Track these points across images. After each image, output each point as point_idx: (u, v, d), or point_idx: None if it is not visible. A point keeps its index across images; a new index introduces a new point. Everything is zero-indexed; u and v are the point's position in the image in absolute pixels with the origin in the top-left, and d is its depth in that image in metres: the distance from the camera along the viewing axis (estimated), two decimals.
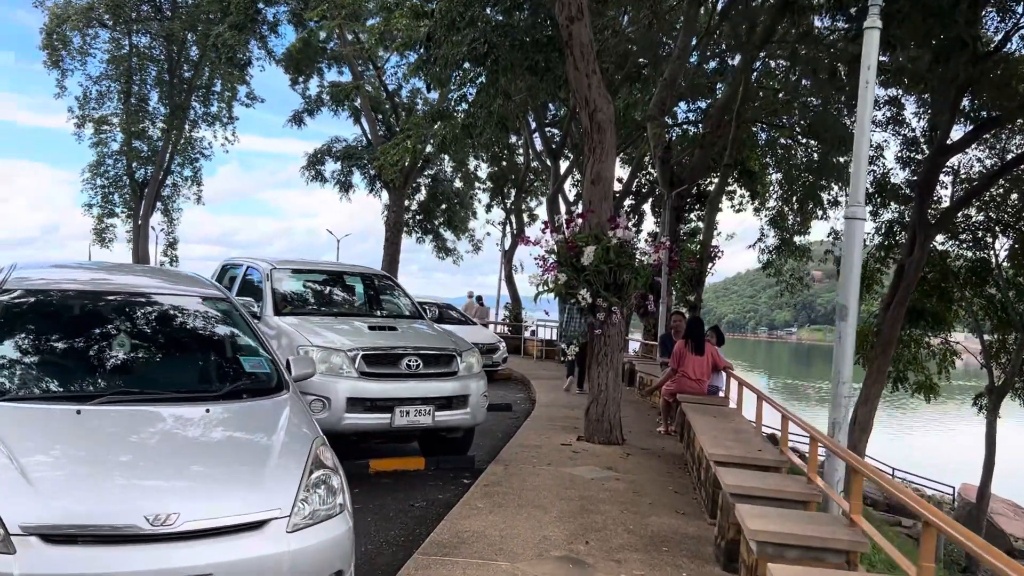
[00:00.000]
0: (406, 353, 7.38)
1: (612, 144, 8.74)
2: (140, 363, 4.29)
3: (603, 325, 8.62)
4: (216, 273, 9.71)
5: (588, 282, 8.37)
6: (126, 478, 3.37)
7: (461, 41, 14.08)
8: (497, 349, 16.64)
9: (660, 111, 16.68)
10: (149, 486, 3.35)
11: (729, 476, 5.19)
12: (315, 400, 6.95)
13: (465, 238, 37.86)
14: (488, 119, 15.16)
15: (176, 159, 38.66)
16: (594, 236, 8.48)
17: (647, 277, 8.67)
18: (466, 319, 18.31)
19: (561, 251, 8.50)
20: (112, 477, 3.33)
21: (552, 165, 24.47)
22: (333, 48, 33.62)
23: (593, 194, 8.68)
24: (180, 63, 36.75)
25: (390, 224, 32.58)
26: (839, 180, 25.06)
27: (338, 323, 7.90)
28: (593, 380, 8.91)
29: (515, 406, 12.91)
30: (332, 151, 34.80)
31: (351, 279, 9.12)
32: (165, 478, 3.43)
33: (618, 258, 8.41)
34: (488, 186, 34.79)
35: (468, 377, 7.70)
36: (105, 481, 3.30)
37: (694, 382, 9.57)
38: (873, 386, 15.19)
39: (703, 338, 9.73)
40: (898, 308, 14.77)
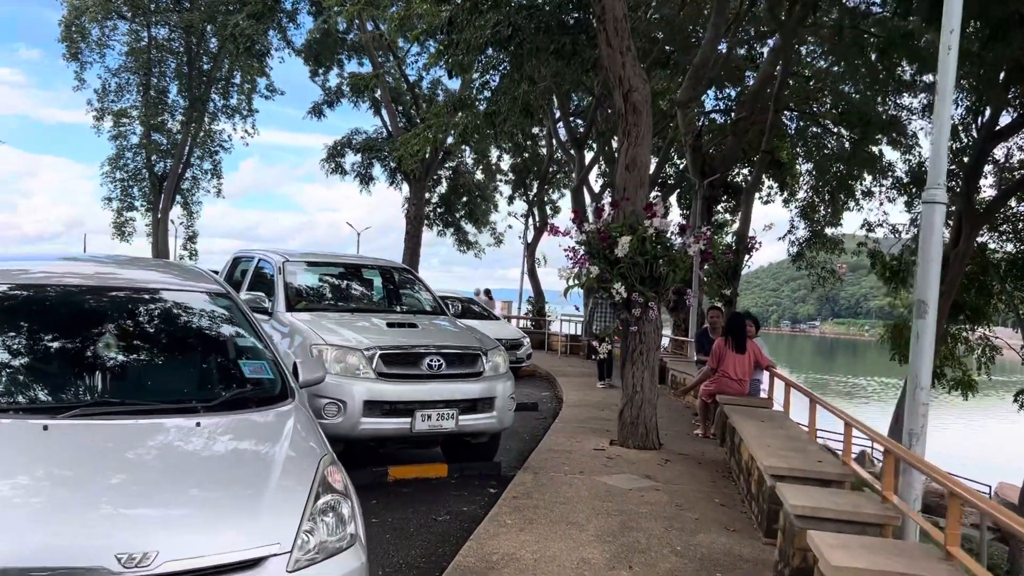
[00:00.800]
0: (427, 352, 6.82)
1: (648, 127, 8.13)
2: (122, 369, 3.73)
3: (639, 321, 8.02)
4: (227, 265, 9.21)
5: (622, 275, 7.77)
6: (95, 508, 2.81)
7: (484, 25, 13.49)
8: (521, 345, 16.07)
9: (690, 97, 16.01)
10: (123, 518, 2.80)
11: (793, 494, 4.59)
12: (329, 403, 6.42)
13: (487, 231, 37.34)
14: (512, 106, 14.55)
15: (195, 152, 38.45)
16: (629, 226, 7.88)
17: (686, 270, 8.06)
18: (489, 314, 17.75)
19: (593, 242, 7.91)
20: (79, 507, 2.78)
21: (577, 155, 23.84)
22: (353, 39, 33.21)
23: (628, 180, 8.07)
24: (199, 55, 36.49)
25: (411, 217, 32.08)
26: (872, 170, 24.30)
27: (355, 320, 7.36)
28: (627, 380, 8.32)
29: (541, 405, 12.34)
30: (352, 143, 34.32)
31: (369, 272, 8.57)
32: (143, 507, 2.88)
33: (655, 249, 7.81)
34: (510, 178, 34.18)
35: (494, 378, 7.13)
36: (70, 512, 2.75)
37: (735, 382, 8.95)
38: None
39: (744, 335, 9.09)
40: (943, 303, 14.01)
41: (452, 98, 19.22)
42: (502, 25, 13.43)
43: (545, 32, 13.62)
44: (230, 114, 38.20)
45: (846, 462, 5.57)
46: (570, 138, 24.34)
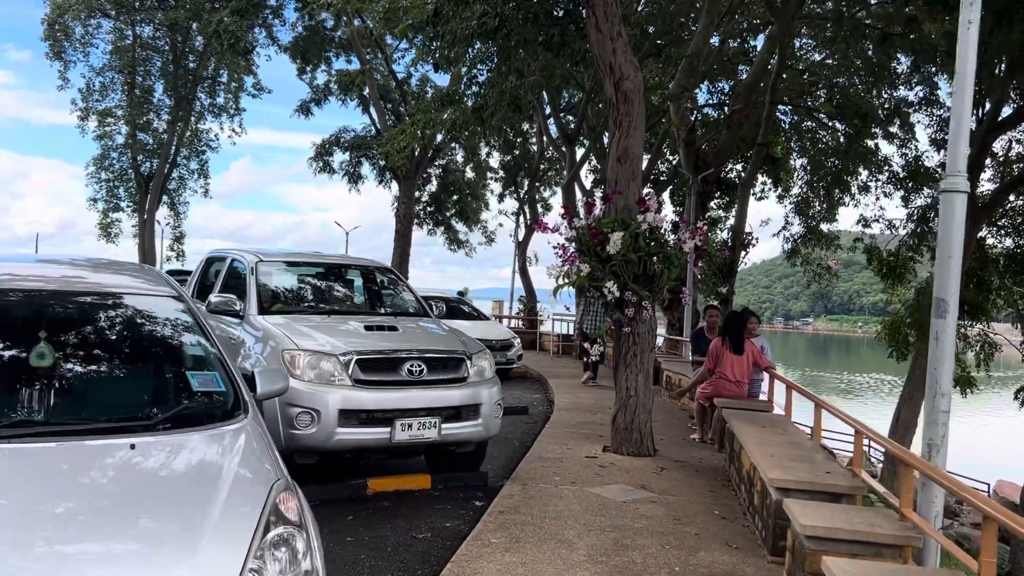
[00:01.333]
0: (408, 357, 6.40)
1: (641, 116, 7.72)
2: (48, 384, 3.29)
3: (632, 322, 7.62)
4: (200, 266, 8.78)
5: (615, 273, 7.37)
6: (2, 550, 2.40)
7: (471, 16, 13.09)
8: (511, 346, 15.66)
9: (684, 89, 15.62)
10: (35, 558, 2.39)
11: (802, 512, 4.19)
12: (302, 413, 6.00)
13: (478, 229, 36.94)
14: (500, 99, 14.15)
15: (182, 152, 37.95)
16: (621, 221, 7.48)
17: (681, 267, 7.66)
18: (479, 314, 17.33)
19: (583, 238, 7.50)
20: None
21: (567, 151, 23.43)
22: (341, 36, 32.79)
23: (619, 173, 7.67)
24: (185, 53, 35.99)
25: (400, 216, 31.67)
26: (868, 165, 23.97)
27: (331, 323, 6.93)
28: (620, 384, 7.91)
29: (532, 408, 11.93)
30: (340, 141, 33.91)
31: (349, 273, 8.13)
32: (59, 546, 2.46)
33: (648, 246, 7.41)
34: (500, 175, 33.77)
35: (480, 383, 6.71)
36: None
37: (733, 384, 8.55)
38: (917, 384, 14.07)
39: (743, 335, 8.70)
40: None
41: (439, 93, 18.82)
42: (489, 16, 13.03)
43: (533, 23, 13.23)
44: (217, 113, 37.74)
45: (856, 473, 5.17)
46: (561, 134, 23.94)
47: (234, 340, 6.97)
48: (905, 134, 23.06)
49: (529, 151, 31.64)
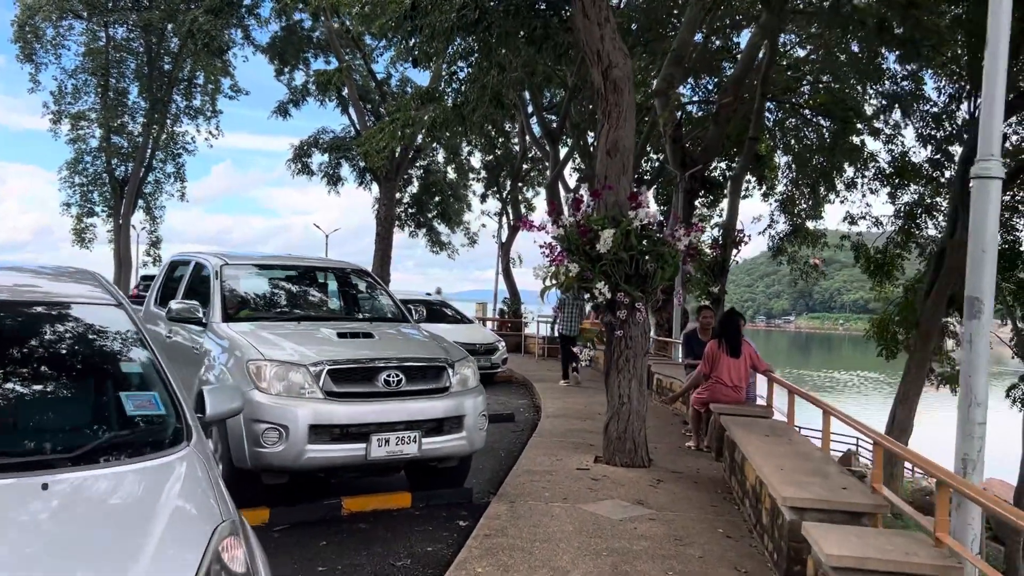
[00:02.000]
0: (385, 366, 5.91)
1: (631, 107, 7.27)
2: None
3: (624, 325, 7.16)
4: (163, 271, 8.24)
5: (605, 273, 6.92)
6: None
7: (450, 9, 12.62)
8: (496, 349, 15.19)
9: (669, 85, 15.21)
10: None
11: (825, 538, 3.74)
12: (269, 429, 5.51)
13: (460, 231, 36.44)
14: (481, 95, 13.66)
15: (158, 155, 37.20)
16: (611, 218, 7.02)
17: (676, 266, 7.21)
18: (463, 317, 16.86)
19: (572, 237, 7.04)
20: None
21: (551, 149, 23.00)
22: (319, 36, 32.26)
23: (609, 167, 7.21)
24: (160, 55, 35.23)
25: (381, 218, 31.13)
26: (854, 161, 23.70)
27: (302, 330, 6.43)
28: (612, 390, 7.45)
29: (518, 415, 11.46)
30: (319, 142, 33.36)
31: (322, 276, 7.61)
32: None
33: (640, 244, 6.96)
34: (482, 176, 33.29)
35: (463, 393, 6.23)
36: None
37: (731, 389, 8.12)
38: (912, 383, 13.76)
39: (739, 337, 8.27)
40: (939, 296, 13.33)
41: (419, 91, 18.32)
42: (468, 9, 12.56)
43: (515, 16, 12.77)
44: (193, 115, 37.02)
45: (876, 488, 4.73)
46: (544, 132, 23.50)
47: (197, 350, 6.46)
48: (892, 130, 22.83)
49: (511, 151, 31.20)
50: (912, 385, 13.69)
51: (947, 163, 21.38)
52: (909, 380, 13.79)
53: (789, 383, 7.64)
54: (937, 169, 21.37)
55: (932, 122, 21.23)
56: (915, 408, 13.78)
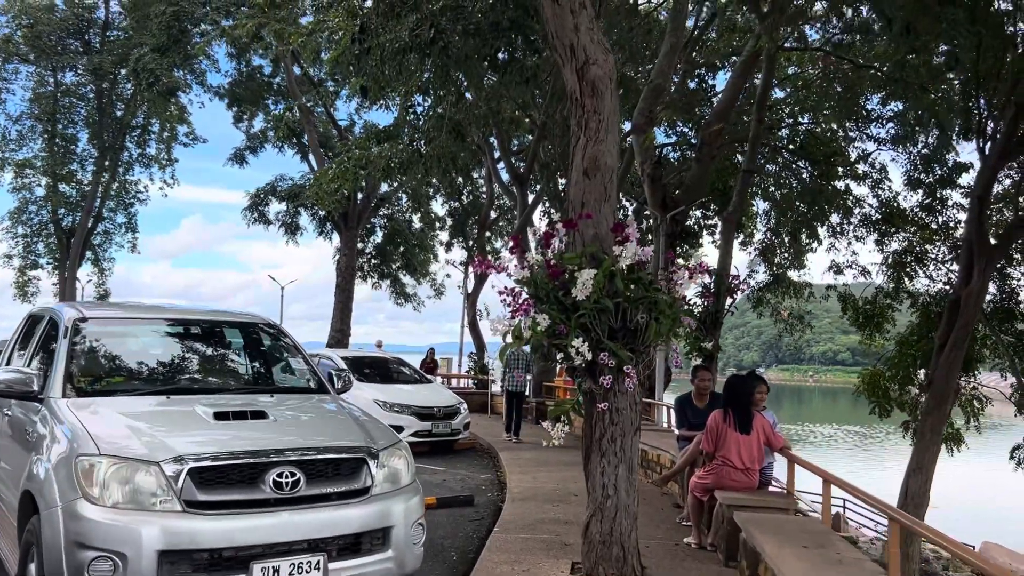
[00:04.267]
0: (277, 461, 4.20)
1: (614, 114, 5.70)
2: None
3: (609, 395, 5.49)
4: (20, 328, 6.45)
5: (584, 327, 5.26)
6: None
7: (401, 27, 11.18)
8: (457, 413, 13.43)
9: (648, 120, 13.81)
10: None
11: None
12: (99, 558, 3.78)
13: (426, 282, 34.79)
14: (438, 125, 12.16)
15: (108, 204, 35.42)
16: (590, 255, 5.41)
17: (674, 318, 5.57)
18: (421, 376, 15.10)
19: (540, 279, 5.40)
20: None
21: (519, 193, 21.50)
22: (279, 83, 31.11)
23: (587, 190, 5.61)
24: (112, 101, 33.64)
25: (341, 268, 29.52)
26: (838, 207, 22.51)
27: (168, 408, 4.71)
28: (594, 480, 5.73)
29: (479, 494, 9.68)
30: (276, 190, 31.75)
31: (213, 332, 5.85)
32: None
33: (629, 289, 5.34)
34: (448, 224, 31.81)
35: (390, 496, 4.53)
36: None
37: (741, 472, 6.45)
38: (927, 450, 12.19)
39: (751, 407, 6.64)
40: (955, 351, 11.86)
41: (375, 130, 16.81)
42: (423, 27, 11.12)
43: (474, 36, 11.36)
44: (147, 164, 35.37)
45: None
46: (511, 176, 22.06)
47: (31, 436, 4.70)
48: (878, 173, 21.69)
49: (478, 198, 29.82)
50: (927, 453, 12.13)
51: (940, 207, 20.23)
52: (922, 447, 12.23)
53: (827, 471, 5.95)
54: (930, 214, 20.18)
55: (922, 165, 20.13)
56: (931, 478, 12.21)
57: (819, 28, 20.33)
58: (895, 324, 21.88)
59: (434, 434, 12.89)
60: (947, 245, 20.91)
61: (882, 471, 36.58)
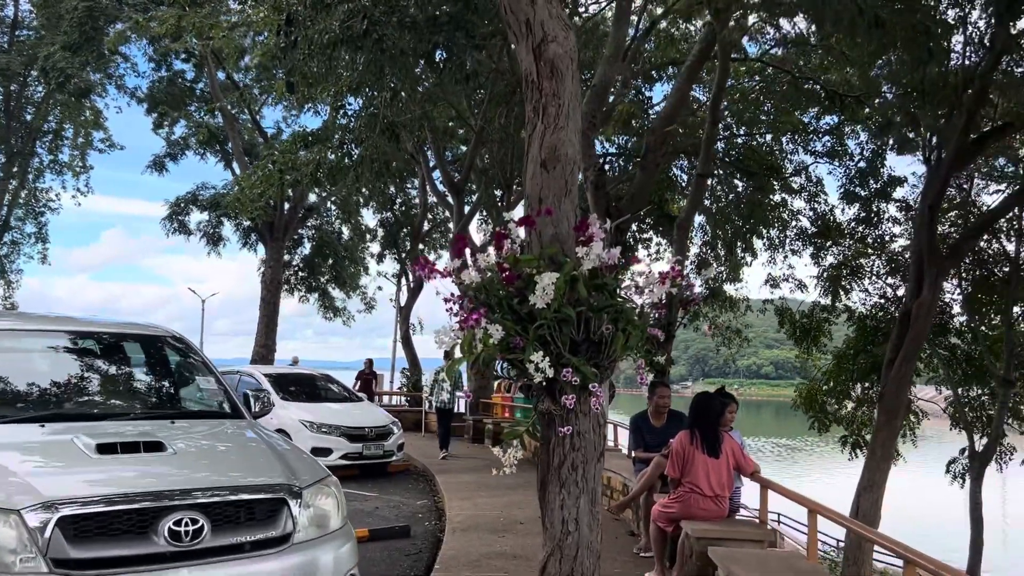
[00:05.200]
0: (172, 505, 3.39)
1: (575, 99, 5.04)
2: None
3: (569, 417, 4.81)
4: None
5: (543, 340, 4.57)
6: None
7: (332, 18, 10.39)
8: (390, 433, 12.59)
9: (590, 125, 13.24)
10: None
11: None
12: None
13: (356, 296, 33.65)
14: (370, 124, 11.37)
15: (16, 213, 33.39)
16: (550, 258, 4.73)
17: (644, 329, 4.93)
18: (351, 395, 14.20)
19: (491, 286, 4.70)
20: None
21: (455, 202, 20.76)
22: (202, 89, 29.89)
23: (545, 184, 4.92)
24: (21, 104, 31.78)
25: (266, 281, 28.29)
26: (774, 221, 22.42)
27: (40, 439, 3.85)
28: (552, 513, 5.02)
29: (416, 523, 8.89)
30: (198, 199, 30.35)
31: (105, 346, 4.97)
32: None
33: (591, 295, 4.68)
34: (378, 234, 30.86)
35: (316, 544, 3.75)
36: None
37: (711, 500, 5.83)
38: (879, 467, 11.83)
39: (718, 430, 6.04)
40: (906, 365, 11.55)
41: (303, 133, 15.89)
42: (355, 19, 10.35)
43: (411, 30, 10.64)
44: (59, 171, 33.48)
45: None
46: (447, 184, 21.32)
47: None
48: (815, 187, 21.66)
49: (411, 208, 29.00)
50: (878, 471, 11.78)
51: (876, 220, 20.25)
52: (873, 464, 11.86)
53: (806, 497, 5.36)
54: (867, 227, 20.18)
55: (858, 179, 20.15)
56: (882, 496, 11.86)
57: (756, 40, 20.31)
58: (832, 338, 21.85)
59: (365, 456, 12.04)
60: (883, 259, 21.00)
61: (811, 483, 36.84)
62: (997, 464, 18.48)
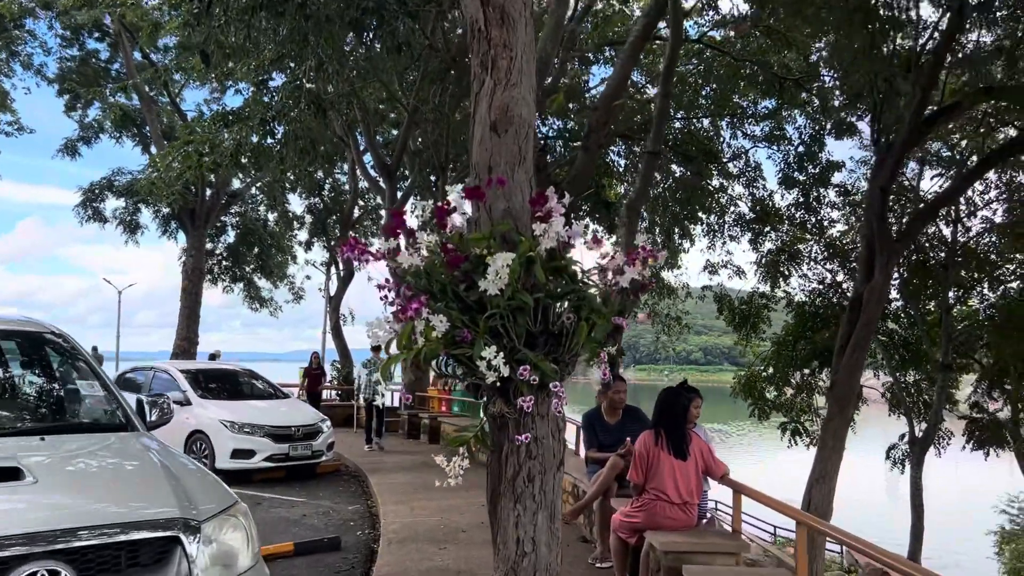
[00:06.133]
0: (28, 553, 2.61)
1: (530, 50, 4.34)
2: None
3: (526, 421, 4.14)
4: None
5: (495, 332, 3.88)
6: None
7: None
8: (319, 432, 11.76)
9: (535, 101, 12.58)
10: None
11: None
12: None
13: (284, 286, 32.39)
14: (294, 96, 10.50)
15: None
16: (502, 236, 4.05)
17: (610, 318, 4.28)
18: (276, 391, 13.28)
19: (433, 268, 3.98)
20: None
21: (387, 186, 19.86)
22: (118, 70, 28.36)
23: (496, 151, 4.21)
24: None
25: (188, 270, 26.94)
26: (712, 207, 22.16)
27: None
28: (506, 531, 4.34)
29: (347, 532, 8.13)
30: (114, 185, 28.72)
31: None
32: None
33: (551, 281, 4.01)
34: (307, 222, 29.70)
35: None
36: None
37: (678, 508, 5.24)
38: (830, 458, 11.50)
39: (686, 428, 5.45)
40: (857, 352, 11.23)
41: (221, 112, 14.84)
42: None
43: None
44: None
45: None
46: (378, 166, 20.40)
47: None
48: (754, 172, 21.44)
49: (340, 193, 27.95)
50: (829, 461, 11.44)
51: (816, 206, 20.11)
52: (825, 455, 11.53)
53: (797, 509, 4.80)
54: (807, 212, 20.01)
55: (798, 163, 19.96)
56: (834, 488, 11.55)
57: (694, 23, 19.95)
58: (771, 324, 21.70)
59: (292, 457, 11.19)
60: (821, 244, 20.90)
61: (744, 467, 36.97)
62: (936, 449, 18.54)
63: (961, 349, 18.53)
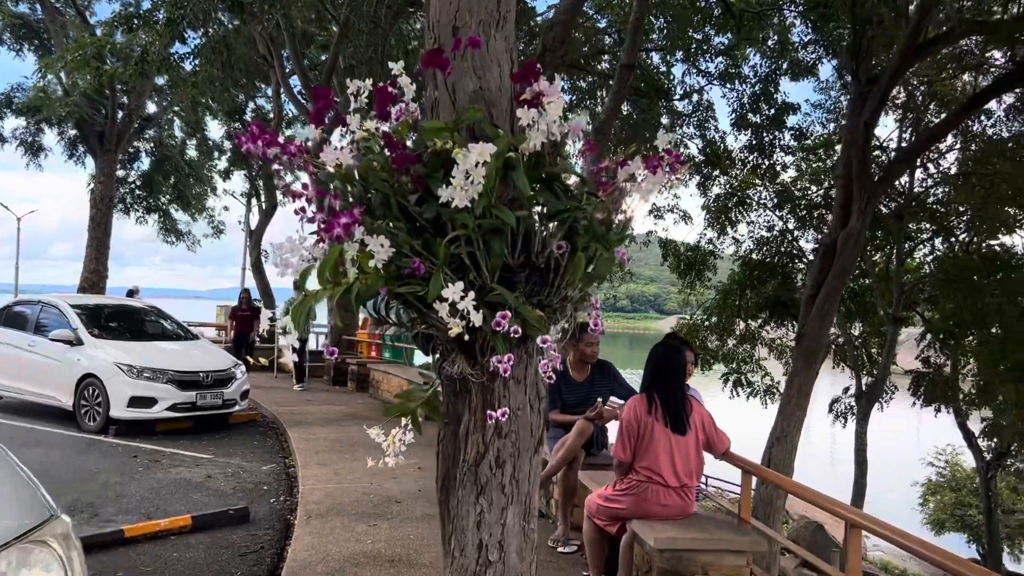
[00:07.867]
0: None
1: None
2: None
3: (496, 386, 3.00)
4: None
5: (459, 263, 2.70)
6: None
7: None
8: (232, 378, 10.48)
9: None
10: None
11: None
12: None
13: (203, 219, 30.42)
14: None
15: None
16: (469, 127, 2.85)
17: (613, 249, 3.14)
18: (185, 332, 11.87)
19: (373, 172, 2.76)
20: None
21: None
22: None
23: (464, 2, 3.03)
24: None
25: (96, 199, 24.83)
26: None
27: None
28: (462, 534, 3.23)
29: (259, 500, 6.95)
30: (12, 103, 26.23)
31: None
32: None
33: (538, 192, 2.83)
34: (227, 149, 27.74)
35: None
36: None
37: (674, 492, 4.21)
38: (793, 415, 10.75)
39: (685, 395, 4.40)
40: (829, 302, 10.40)
41: (125, 14, 13.03)
42: None
43: None
44: None
45: None
46: (305, 90, 18.71)
47: None
48: (702, 113, 20.44)
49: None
50: (791, 419, 10.70)
51: (770, 148, 19.26)
52: (788, 412, 10.77)
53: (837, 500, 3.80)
54: (760, 155, 19.15)
55: (751, 104, 19.03)
56: (795, 447, 10.83)
57: None
58: (716, 272, 21.01)
59: (199, 407, 9.92)
60: (770, 191, 20.16)
61: None
62: (879, 404, 18.19)
63: (905, 301, 18.13)
